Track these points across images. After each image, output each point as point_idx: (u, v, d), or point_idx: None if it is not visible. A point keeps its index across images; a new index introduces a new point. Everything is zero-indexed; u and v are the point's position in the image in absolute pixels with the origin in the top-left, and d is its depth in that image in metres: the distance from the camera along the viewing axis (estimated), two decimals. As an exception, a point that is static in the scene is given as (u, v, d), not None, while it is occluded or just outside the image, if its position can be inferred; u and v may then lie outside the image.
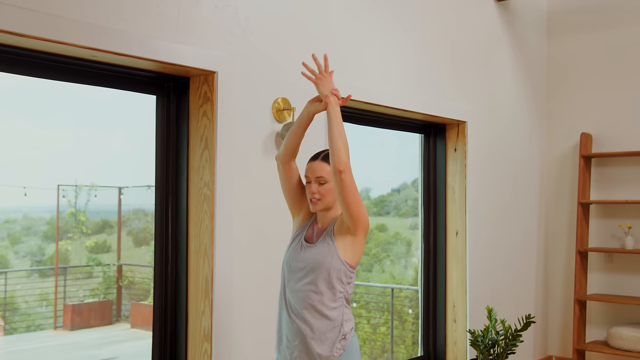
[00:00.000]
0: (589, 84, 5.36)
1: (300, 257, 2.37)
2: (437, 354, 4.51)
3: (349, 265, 2.31)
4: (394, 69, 3.97)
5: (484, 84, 4.73)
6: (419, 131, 4.52)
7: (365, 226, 2.31)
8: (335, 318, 2.30)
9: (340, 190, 2.23)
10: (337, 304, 2.31)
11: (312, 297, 2.29)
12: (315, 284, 2.29)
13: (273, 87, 3.21)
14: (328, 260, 2.29)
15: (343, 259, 2.30)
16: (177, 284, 3.03)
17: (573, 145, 5.37)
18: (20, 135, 9.55)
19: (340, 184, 2.21)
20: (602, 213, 5.24)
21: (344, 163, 2.19)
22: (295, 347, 2.33)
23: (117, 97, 10.79)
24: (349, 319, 2.34)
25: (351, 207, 2.24)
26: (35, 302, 9.96)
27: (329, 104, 2.29)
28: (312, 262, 2.31)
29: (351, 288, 2.35)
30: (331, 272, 2.29)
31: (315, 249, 2.34)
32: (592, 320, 5.22)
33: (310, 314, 2.29)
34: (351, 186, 2.22)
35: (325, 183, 2.36)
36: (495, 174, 4.82)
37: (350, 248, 2.31)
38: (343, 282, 2.31)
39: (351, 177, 2.22)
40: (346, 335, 2.32)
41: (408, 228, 10.93)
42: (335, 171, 2.21)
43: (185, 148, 3.02)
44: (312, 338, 2.29)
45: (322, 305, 2.29)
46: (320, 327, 2.29)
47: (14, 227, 10.75)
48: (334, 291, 2.29)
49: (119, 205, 10.57)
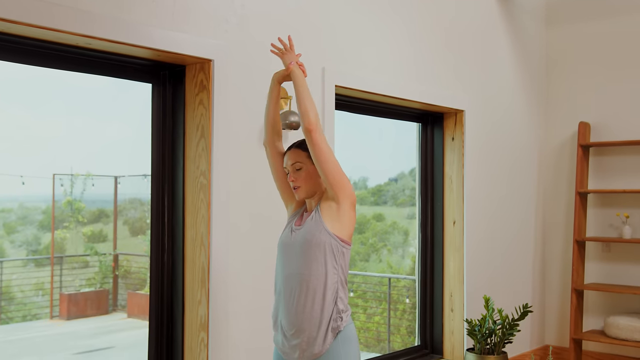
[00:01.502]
0: (588, 73, 5.35)
1: (290, 241, 2.38)
2: (434, 344, 4.53)
3: (339, 239, 2.31)
4: (391, 57, 3.97)
5: (482, 72, 4.72)
6: (417, 120, 4.52)
7: (349, 194, 2.33)
8: (330, 299, 2.30)
9: (314, 153, 2.28)
10: (332, 282, 2.30)
11: (305, 280, 2.29)
12: (308, 265, 2.29)
13: (269, 75, 3.19)
14: (317, 236, 2.29)
15: (331, 231, 2.30)
16: (173, 274, 3.03)
17: (571, 134, 5.38)
18: (15, 124, 9.53)
19: (312, 144, 2.27)
20: (599, 202, 5.26)
21: (313, 123, 2.27)
22: (292, 335, 2.34)
23: (113, 85, 10.76)
24: (343, 300, 2.34)
25: (328, 169, 2.28)
26: (31, 292, 9.97)
27: (292, 70, 2.43)
28: (301, 241, 2.33)
29: (346, 269, 2.35)
30: (322, 249, 2.29)
31: (304, 228, 2.36)
32: (589, 309, 5.24)
33: (305, 297, 2.29)
34: (324, 147, 2.28)
35: (301, 169, 2.41)
36: (492, 163, 4.83)
37: (337, 219, 2.31)
38: (336, 259, 2.31)
39: (323, 137, 2.28)
40: (342, 315, 2.32)
41: (405, 217, 10.96)
42: (306, 131, 2.28)
43: (182, 137, 3.01)
44: (309, 322, 2.29)
45: (316, 287, 2.29)
46: (316, 310, 2.29)
47: (10, 216, 10.74)
48: (326, 270, 2.29)
49: (115, 195, 10.57)
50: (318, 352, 2.30)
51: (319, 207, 2.36)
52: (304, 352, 2.32)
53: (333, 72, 3.53)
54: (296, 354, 2.34)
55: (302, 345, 2.31)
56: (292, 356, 2.36)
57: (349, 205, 2.33)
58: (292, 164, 2.43)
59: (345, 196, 2.32)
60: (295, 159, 2.42)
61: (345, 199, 2.32)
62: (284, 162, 2.48)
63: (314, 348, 2.30)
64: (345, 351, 2.32)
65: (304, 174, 2.41)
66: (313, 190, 2.42)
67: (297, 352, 2.33)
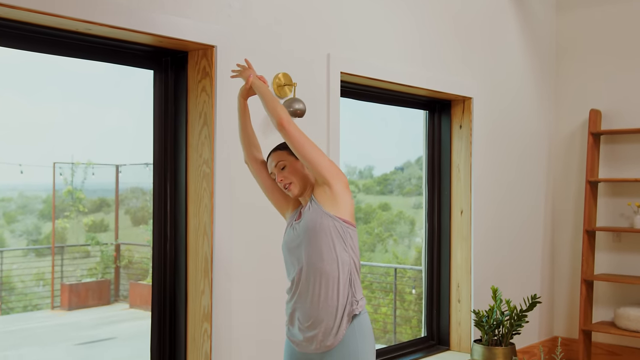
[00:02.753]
0: (599, 59, 5.33)
1: (294, 236, 2.41)
2: (440, 335, 4.55)
3: (341, 220, 2.33)
4: (398, 43, 3.95)
5: (490, 59, 4.71)
6: (424, 107, 4.51)
7: (337, 175, 2.36)
8: (344, 283, 2.32)
9: (292, 144, 2.32)
10: (344, 264, 2.32)
11: (318, 268, 2.31)
12: (318, 252, 2.31)
13: (273, 62, 3.20)
14: (319, 221, 2.32)
15: (331, 213, 2.33)
16: (176, 264, 3.05)
17: (582, 121, 5.36)
18: (14, 111, 9.54)
19: (287, 136, 2.31)
20: (610, 191, 5.25)
21: (284, 117, 2.32)
22: (308, 327, 2.36)
23: (114, 72, 10.75)
24: (358, 285, 2.37)
25: (310, 156, 2.31)
26: (32, 282, 10.02)
27: (252, 82, 2.51)
28: (305, 232, 2.35)
29: (356, 250, 2.37)
30: (328, 233, 2.31)
31: (304, 219, 2.38)
32: (599, 300, 5.24)
33: (319, 285, 2.31)
34: (300, 136, 2.32)
35: (285, 166, 2.46)
36: (501, 151, 4.82)
37: (334, 201, 2.34)
38: (345, 241, 2.33)
39: (296, 128, 2.32)
40: (357, 299, 2.35)
41: (412, 207, 10.95)
42: (278, 126, 2.32)
43: (184, 124, 3.01)
44: (325, 311, 2.31)
45: (329, 273, 2.31)
46: (332, 298, 2.31)
47: (10, 205, 10.79)
48: (337, 253, 2.31)
49: (117, 184, 10.59)
50: (335, 341, 2.33)
51: (313, 196, 2.39)
52: (321, 343, 2.34)
53: (338, 59, 3.52)
54: (313, 346, 2.37)
55: (319, 336, 2.34)
56: (308, 348, 2.39)
57: (342, 187, 2.36)
58: (276, 164, 2.48)
59: (335, 178, 2.35)
60: (277, 159, 2.48)
61: (336, 181, 2.35)
62: (268, 169, 2.54)
63: (331, 338, 2.33)
64: (361, 341, 2.35)
65: (289, 169, 2.45)
66: (304, 184, 2.45)
67: (314, 344, 2.36)
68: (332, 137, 3.49)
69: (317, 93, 3.42)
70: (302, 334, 2.39)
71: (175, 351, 3.04)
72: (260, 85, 2.49)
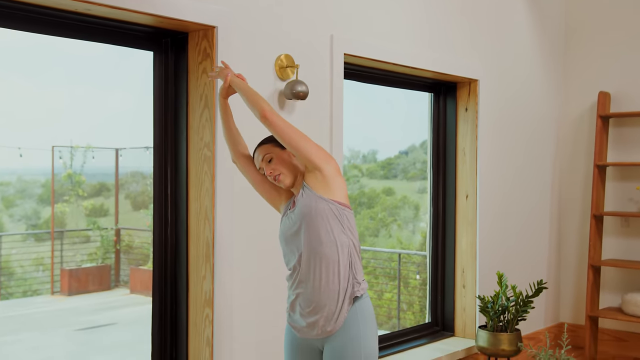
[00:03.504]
0: (609, 40, 5.29)
1: (290, 224, 2.42)
2: (445, 321, 4.56)
3: (336, 202, 2.34)
4: (403, 23, 3.93)
5: (497, 40, 4.68)
6: (429, 90, 4.49)
7: (327, 159, 2.37)
8: (345, 265, 2.34)
9: (277, 134, 2.33)
10: (343, 246, 2.34)
11: (318, 252, 2.32)
12: (316, 236, 2.32)
13: (276, 43, 3.18)
14: (314, 206, 2.33)
15: (325, 197, 2.34)
16: (177, 248, 3.05)
17: (590, 104, 5.34)
18: (11, 94, 9.53)
19: (272, 126, 2.33)
20: (619, 175, 5.23)
21: (266, 109, 2.33)
22: (310, 313, 2.37)
23: (113, 53, 10.72)
24: (358, 267, 2.39)
25: (296, 143, 2.32)
26: (32, 267, 10.07)
27: (231, 80, 2.51)
28: (300, 218, 2.36)
29: (354, 232, 2.38)
30: (324, 216, 2.32)
31: (298, 206, 2.39)
32: (606, 286, 5.25)
33: (320, 269, 2.33)
34: (284, 124, 2.33)
35: (272, 158, 2.47)
36: (508, 134, 4.80)
37: (326, 185, 2.35)
38: (342, 223, 2.34)
39: (279, 117, 2.34)
40: (359, 280, 2.37)
41: (416, 192, 10.96)
42: (261, 118, 2.34)
43: (185, 107, 3.01)
44: (327, 295, 2.33)
45: (329, 256, 2.32)
46: (333, 281, 2.33)
47: (8, 189, 10.81)
48: (335, 236, 2.33)
49: (116, 168, 10.61)
50: (336, 326, 2.35)
51: (305, 183, 2.40)
52: (322, 328, 2.36)
53: (342, 40, 3.50)
54: (314, 331, 2.39)
55: (321, 321, 2.35)
56: (309, 334, 2.41)
57: (333, 170, 2.37)
58: (262, 158, 2.49)
59: (325, 162, 2.36)
60: (263, 152, 2.49)
61: (326, 165, 2.36)
62: (256, 164, 2.55)
63: (332, 323, 2.35)
64: (363, 325, 2.36)
65: (276, 160, 2.46)
66: (293, 173, 2.46)
67: (316, 330, 2.38)
68: (336, 120, 3.48)
69: (320, 75, 3.41)
70: (304, 319, 2.40)
71: (177, 337, 3.05)
72: (238, 82, 2.50)
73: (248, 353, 3.09)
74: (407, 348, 4.17)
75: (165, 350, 3.04)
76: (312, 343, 2.44)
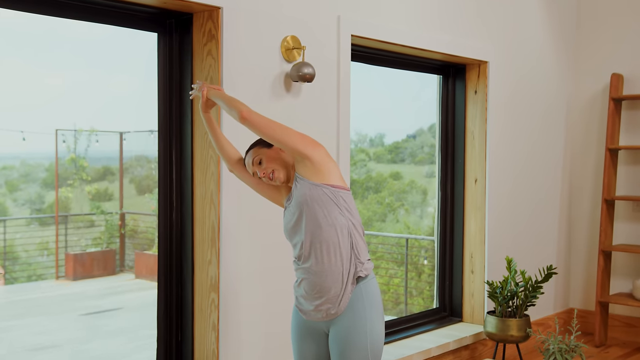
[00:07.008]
0: (621, 21, 5.25)
1: (290, 215, 2.46)
2: (453, 306, 4.57)
3: (330, 186, 2.38)
4: (410, 4, 3.91)
5: (507, 21, 4.65)
6: (437, 72, 4.47)
7: (313, 145, 2.39)
8: (346, 246, 2.38)
9: (259, 131, 2.36)
10: (342, 227, 2.37)
11: (318, 236, 2.37)
12: (315, 222, 2.36)
13: (282, 24, 3.17)
14: (308, 194, 2.37)
15: (318, 182, 2.37)
16: (182, 233, 3.06)
17: (603, 86, 5.31)
18: (15, 77, 9.54)
19: (252, 125, 2.36)
20: (631, 159, 5.21)
21: (243, 109, 2.37)
22: (315, 296, 2.41)
23: (117, 35, 10.70)
24: (361, 245, 2.42)
25: (279, 136, 2.35)
26: (36, 252, 10.12)
27: (208, 92, 2.55)
28: (298, 207, 2.40)
29: (353, 211, 2.42)
30: (321, 202, 2.36)
31: (294, 196, 2.43)
32: (617, 271, 5.25)
33: (321, 252, 2.37)
34: (264, 120, 2.37)
35: (262, 159, 2.50)
36: (518, 117, 4.79)
37: (318, 172, 2.38)
38: (338, 205, 2.38)
39: (257, 114, 2.37)
40: (362, 260, 2.41)
41: (424, 176, 10.94)
42: (240, 119, 2.36)
43: (189, 89, 3.00)
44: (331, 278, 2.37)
45: (329, 239, 2.36)
46: (336, 264, 2.37)
47: (12, 173, 10.85)
48: (333, 218, 2.36)
49: (121, 151, 10.62)
50: (341, 308, 2.40)
51: (297, 174, 2.43)
52: (328, 311, 2.41)
53: (349, 21, 3.49)
54: (320, 314, 2.44)
55: (326, 304, 2.40)
56: (315, 317, 2.46)
57: (322, 155, 2.40)
58: (252, 162, 2.52)
59: (312, 149, 2.38)
60: (252, 156, 2.52)
61: (313, 152, 2.38)
62: (249, 171, 2.57)
63: (337, 305, 2.39)
64: (369, 308, 2.40)
65: (266, 160, 2.49)
66: (286, 168, 2.50)
67: (321, 313, 2.43)
68: (343, 103, 3.47)
69: (327, 57, 3.40)
70: (310, 303, 2.44)
71: (182, 322, 3.07)
72: (214, 92, 2.53)
73: (254, 338, 3.11)
74: (415, 334, 4.19)
75: (170, 336, 3.06)
76: (318, 326, 2.49)
